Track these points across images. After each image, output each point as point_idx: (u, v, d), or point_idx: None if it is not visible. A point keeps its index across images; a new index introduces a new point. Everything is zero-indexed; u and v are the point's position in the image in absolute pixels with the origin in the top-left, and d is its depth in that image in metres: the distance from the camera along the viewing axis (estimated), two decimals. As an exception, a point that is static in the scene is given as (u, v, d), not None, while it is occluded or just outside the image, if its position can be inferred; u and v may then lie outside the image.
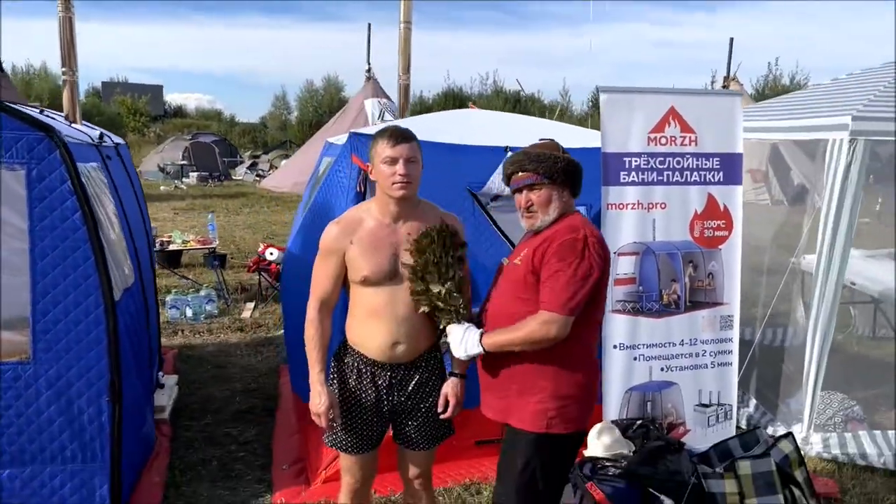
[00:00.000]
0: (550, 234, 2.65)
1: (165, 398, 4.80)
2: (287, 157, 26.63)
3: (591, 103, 39.80)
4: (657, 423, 4.07)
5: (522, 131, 4.39)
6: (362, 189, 3.94)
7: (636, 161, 4.09)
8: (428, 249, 2.59)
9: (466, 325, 2.67)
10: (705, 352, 4.28)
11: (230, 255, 10.13)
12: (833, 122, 4.36)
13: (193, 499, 3.77)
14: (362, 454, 2.78)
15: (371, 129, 4.12)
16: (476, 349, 2.63)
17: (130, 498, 3.63)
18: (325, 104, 38.13)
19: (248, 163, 27.93)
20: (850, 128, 4.20)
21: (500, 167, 4.04)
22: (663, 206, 4.16)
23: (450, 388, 2.73)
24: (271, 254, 7.29)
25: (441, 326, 2.70)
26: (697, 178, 4.21)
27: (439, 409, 2.72)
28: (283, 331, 5.75)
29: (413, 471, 2.87)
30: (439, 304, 2.62)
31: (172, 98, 47.94)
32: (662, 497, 3.62)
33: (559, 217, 2.70)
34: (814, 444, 4.32)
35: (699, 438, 4.21)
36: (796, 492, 3.45)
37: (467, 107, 5.43)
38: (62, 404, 3.34)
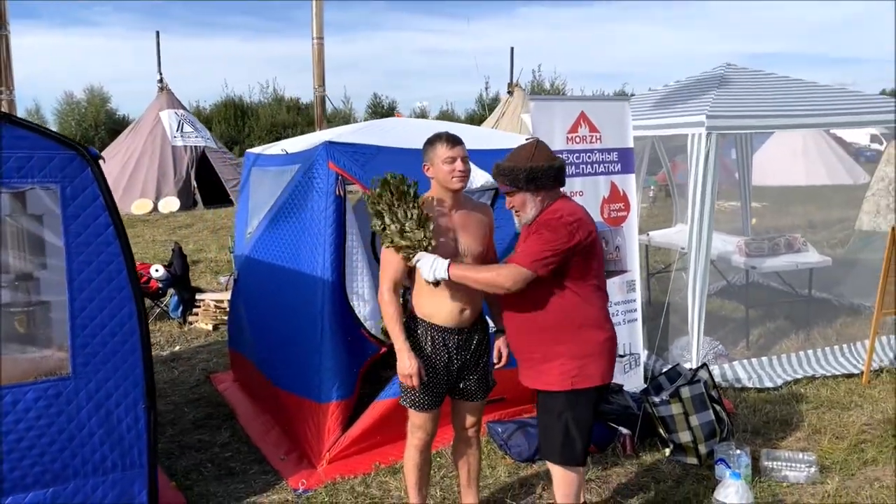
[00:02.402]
0: (539, 218, 3.15)
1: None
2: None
3: (370, 110, 40.90)
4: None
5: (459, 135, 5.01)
6: (341, 193, 4.33)
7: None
8: (378, 203, 3.09)
9: (435, 256, 3.06)
10: (618, 311, 5.20)
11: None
12: (691, 120, 5.48)
13: (212, 498, 3.92)
14: (434, 411, 3.26)
15: (342, 137, 4.52)
16: (443, 274, 3.01)
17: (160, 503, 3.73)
18: (89, 117, 35.34)
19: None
20: (705, 124, 5.33)
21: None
22: (581, 193, 5.00)
23: (501, 341, 3.33)
24: (157, 270, 7.18)
25: (414, 263, 3.09)
26: (603, 170, 5.11)
27: (494, 361, 3.30)
28: (228, 343, 5.83)
29: (469, 420, 3.40)
30: (401, 242, 3.05)
31: None
32: (620, 428, 4.45)
33: (543, 208, 3.16)
34: (701, 376, 5.40)
35: (618, 382, 5.09)
36: (716, 407, 4.44)
37: (392, 115, 5.89)
38: (102, 415, 3.40)
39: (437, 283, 3.08)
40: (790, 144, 19.93)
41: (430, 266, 3.03)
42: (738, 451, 3.96)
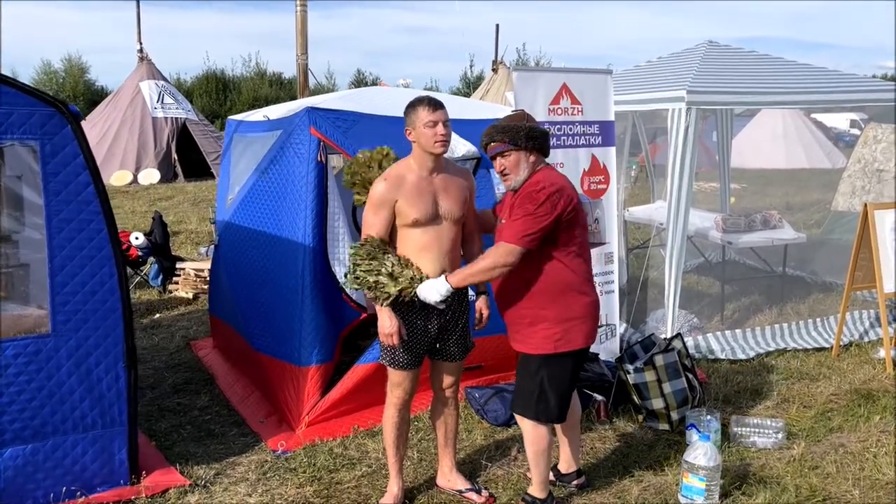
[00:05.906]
0: (522, 190, 3.23)
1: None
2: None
3: (353, 85, 40.63)
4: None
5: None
6: (323, 159, 4.35)
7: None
8: (359, 273, 3.17)
9: (427, 281, 3.16)
10: (596, 283, 5.24)
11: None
12: (672, 95, 5.52)
13: (192, 458, 3.95)
14: (413, 369, 3.33)
15: (324, 104, 4.52)
16: (446, 288, 3.13)
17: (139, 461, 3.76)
18: (67, 87, 34.78)
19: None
20: (685, 99, 5.38)
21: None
22: (562, 165, 5.04)
23: (482, 303, 3.39)
24: (137, 238, 7.15)
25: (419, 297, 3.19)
26: (584, 142, 5.16)
27: (475, 322, 3.35)
28: (208, 309, 5.83)
29: (448, 380, 3.47)
30: (396, 287, 3.13)
31: None
32: (595, 395, 4.54)
33: (530, 175, 3.26)
34: (675, 345, 5.50)
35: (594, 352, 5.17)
36: (689, 375, 4.54)
37: (376, 84, 5.90)
38: (82, 373, 3.43)
39: (445, 301, 3.16)
40: (771, 127, 20.09)
41: (432, 289, 3.13)
42: (709, 418, 4.05)
